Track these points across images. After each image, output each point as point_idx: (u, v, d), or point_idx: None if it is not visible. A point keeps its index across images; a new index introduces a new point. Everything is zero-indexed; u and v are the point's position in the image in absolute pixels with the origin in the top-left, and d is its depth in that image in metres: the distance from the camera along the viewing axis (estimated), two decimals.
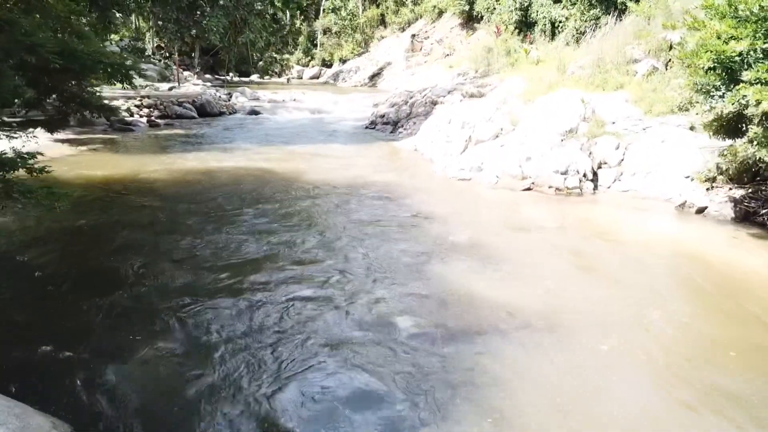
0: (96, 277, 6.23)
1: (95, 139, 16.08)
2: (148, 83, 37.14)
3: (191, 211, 8.66)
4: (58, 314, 5.26)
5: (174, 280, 6.06)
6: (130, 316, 5.26)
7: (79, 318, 5.21)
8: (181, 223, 8.10)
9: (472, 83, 21.69)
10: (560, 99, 13.76)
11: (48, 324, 5.06)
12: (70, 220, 8.01)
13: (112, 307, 5.40)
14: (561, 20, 26.31)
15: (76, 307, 5.40)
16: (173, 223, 8.18)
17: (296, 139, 17.15)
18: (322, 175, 11.44)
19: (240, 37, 16.18)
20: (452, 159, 12.57)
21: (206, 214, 8.53)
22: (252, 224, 8.09)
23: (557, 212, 9.31)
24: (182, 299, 5.57)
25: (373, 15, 58.61)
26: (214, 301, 5.54)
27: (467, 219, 8.81)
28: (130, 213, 8.54)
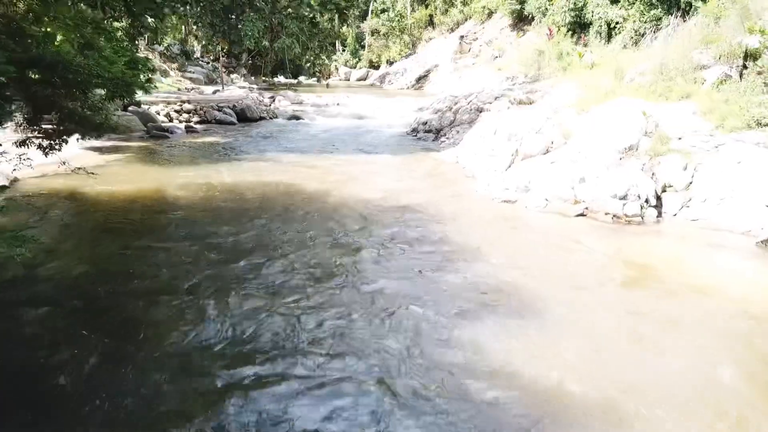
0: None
1: (128, 147, 15.69)
2: (194, 86, 37.44)
3: (200, 252, 7.62)
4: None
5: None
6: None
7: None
8: (183, 276, 7.10)
9: (521, 89, 20.47)
10: (618, 109, 12.49)
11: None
12: (74, 258, 7.39)
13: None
14: (618, 21, 24.74)
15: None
16: (178, 273, 7.28)
17: (333, 149, 16.36)
18: (353, 194, 10.54)
19: (276, 42, 15.38)
20: (496, 176, 11.50)
21: (220, 254, 7.67)
22: (264, 274, 7.25)
23: (614, 247, 8.09)
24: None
25: (422, 16, 57.60)
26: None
27: (509, 255, 7.66)
28: (141, 258, 7.47)
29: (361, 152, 15.67)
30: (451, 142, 17.17)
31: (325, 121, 24.31)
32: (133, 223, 8.57)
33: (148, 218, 8.83)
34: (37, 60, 6.21)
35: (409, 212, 9.37)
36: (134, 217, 8.89)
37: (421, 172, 13.11)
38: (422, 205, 9.77)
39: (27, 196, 9.67)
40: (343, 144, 17.31)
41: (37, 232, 7.79)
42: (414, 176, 12.60)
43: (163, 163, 13.39)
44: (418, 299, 6.09)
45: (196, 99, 25.52)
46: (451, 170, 13.34)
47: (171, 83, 35.96)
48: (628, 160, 10.05)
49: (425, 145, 17.86)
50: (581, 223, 9.01)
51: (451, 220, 8.97)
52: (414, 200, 10.11)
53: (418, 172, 13.09)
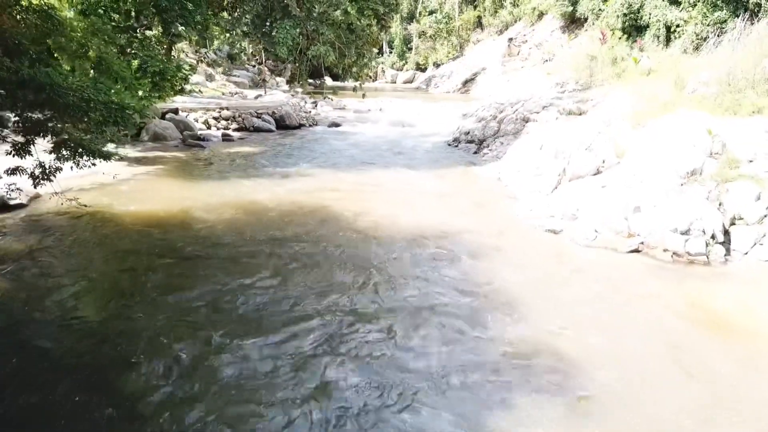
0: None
1: (160, 158, 15.34)
2: (238, 90, 37.45)
3: (222, 286, 7.10)
4: None
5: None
6: None
7: None
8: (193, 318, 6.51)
9: (571, 97, 19.26)
10: (678, 125, 11.30)
11: None
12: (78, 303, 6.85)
13: None
14: (678, 24, 23.14)
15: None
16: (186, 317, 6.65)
17: (370, 162, 15.61)
18: (383, 217, 9.75)
19: (311, 50, 14.75)
20: (540, 198, 10.52)
21: (239, 287, 7.04)
22: (281, 301, 6.57)
23: (676, 294, 6.97)
24: None
25: (470, 17, 56.42)
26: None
27: (554, 306, 6.59)
28: (152, 304, 6.85)
29: (399, 167, 14.85)
30: (493, 155, 16.18)
31: (366, 129, 23.60)
32: (147, 256, 7.95)
33: (165, 250, 8.16)
34: (27, 81, 5.67)
35: (443, 242, 8.50)
36: (149, 249, 8.27)
37: (459, 192, 12.19)
38: (459, 235, 8.87)
39: (41, 216, 9.28)
40: (380, 156, 16.53)
41: (28, 265, 7.32)
42: (452, 197, 11.70)
43: (191, 179, 12.90)
44: (441, 352, 5.29)
45: (236, 105, 25.25)
46: (491, 189, 12.39)
47: (216, 87, 36.06)
48: (690, 187, 8.91)
49: (466, 157, 16.92)
50: (635, 261, 7.93)
51: (489, 256, 8.03)
52: (450, 228, 9.22)
53: (456, 192, 12.18)
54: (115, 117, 6.31)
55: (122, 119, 6.48)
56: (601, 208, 9.05)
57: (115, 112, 6.25)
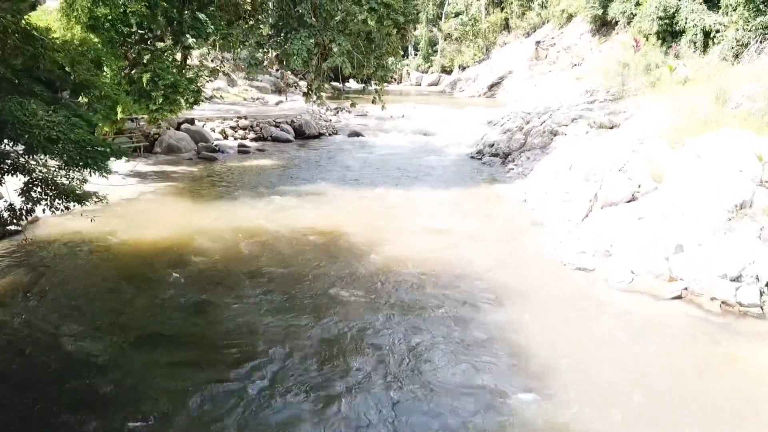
0: None
1: (172, 172, 14.83)
2: (260, 95, 37.06)
3: (215, 337, 6.50)
4: None
5: None
6: None
7: None
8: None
9: (602, 108, 18.29)
10: (722, 146, 10.36)
11: None
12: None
13: None
14: (717, 29, 21.94)
15: None
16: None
17: (388, 179, 14.86)
18: (397, 253, 8.94)
19: (326, 61, 14.08)
20: (570, 228, 9.68)
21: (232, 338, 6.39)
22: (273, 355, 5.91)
23: (728, 355, 6.07)
24: None
25: (497, 19, 55.34)
26: None
27: (591, 379, 5.65)
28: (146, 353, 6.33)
29: (419, 185, 14.08)
30: (519, 171, 15.32)
31: (387, 139, 22.88)
32: (141, 294, 7.37)
33: (160, 287, 7.58)
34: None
35: (464, 287, 7.71)
36: (144, 284, 7.71)
37: (482, 217, 11.36)
38: (481, 276, 8.07)
39: (35, 244, 8.75)
40: (399, 174, 15.76)
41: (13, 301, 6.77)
42: (474, 221, 10.89)
43: (199, 199, 12.32)
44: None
45: (255, 113, 24.77)
46: (516, 213, 11.56)
47: (237, 93, 35.74)
48: (739, 222, 8.00)
49: (490, 172, 16.09)
50: (678, 310, 7.04)
51: (514, 305, 7.20)
52: (472, 267, 8.43)
53: (478, 215, 11.37)
54: (86, 158, 5.63)
55: (93, 162, 5.76)
56: (638, 245, 8.19)
57: (87, 152, 5.59)
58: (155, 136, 17.96)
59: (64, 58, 6.79)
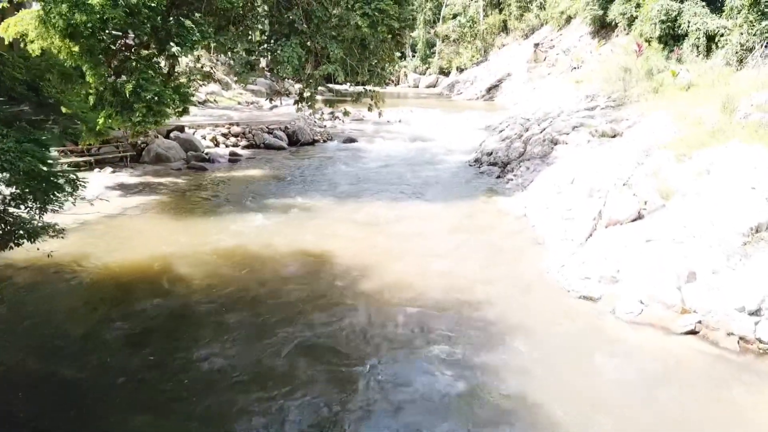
0: None
1: (158, 184, 14.25)
2: (255, 99, 36.46)
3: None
4: None
5: None
6: None
7: None
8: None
9: (603, 115, 17.76)
10: (732, 161, 9.84)
11: None
12: None
13: None
14: (721, 33, 21.41)
15: None
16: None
17: (383, 191, 14.30)
18: (389, 279, 8.38)
19: (318, 69, 13.52)
20: (573, 249, 9.13)
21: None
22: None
23: (747, 408, 5.52)
24: None
25: (495, 21, 54.90)
26: None
27: (587, 423, 5.16)
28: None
29: (414, 198, 13.51)
30: (518, 182, 14.77)
31: (383, 145, 22.32)
32: (102, 331, 6.81)
33: (129, 324, 7.02)
34: None
35: (457, 317, 7.17)
36: (112, 323, 7.14)
37: (480, 234, 10.80)
38: (476, 303, 7.53)
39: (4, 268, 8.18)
40: (395, 185, 15.20)
41: None
42: (472, 241, 10.32)
43: (184, 215, 11.74)
44: None
45: (248, 119, 24.20)
46: (516, 230, 11.00)
47: (231, 97, 35.18)
48: (755, 247, 7.45)
49: (488, 182, 15.53)
50: (692, 348, 6.47)
51: (512, 337, 6.66)
52: (467, 293, 7.88)
53: (476, 234, 10.79)
54: (35, 190, 5.01)
55: (43, 194, 5.11)
56: (647, 272, 7.63)
57: (35, 184, 5.00)
58: (143, 145, 17.40)
59: (25, 74, 6.23)
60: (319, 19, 13.51)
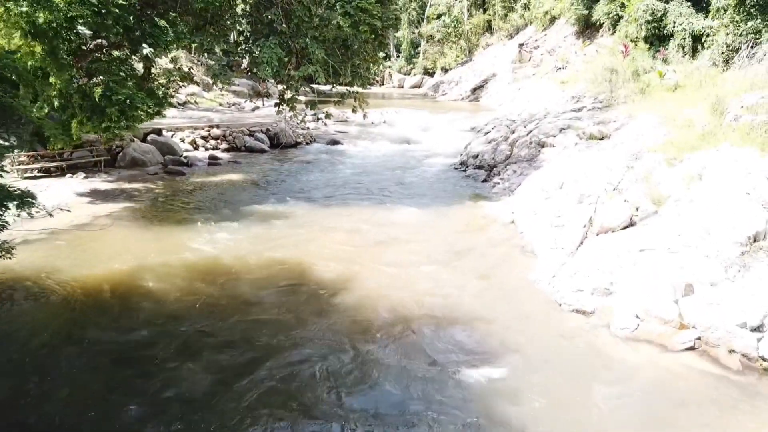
0: None
1: (133, 190, 13.68)
2: (237, 100, 35.79)
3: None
4: None
5: None
6: None
7: None
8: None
9: (591, 117, 17.48)
10: (724, 165, 9.54)
11: None
12: None
13: None
14: (707, 33, 21.24)
15: None
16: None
17: (366, 197, 13.87)
18: (370, 292, 7.94)
19: (298, 70, 13.05)
20: (563, 259, 8.76)
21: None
22: None
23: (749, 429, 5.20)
24: None
25: (479, 21, 54.67)
26: None
27: None
28: None
29: (398, 204, 13.07)
30: (505, 186, 14.40)
31: (367, 147, 21.88)
32: (59, 361, 6.31)
33: (84, 354, 6.50)
34: None
35: (443, 334, 6.75)
36: (69, 337, 6.66)
37: (467, 243, 10.39)
38: (464, 319, 7.12)
39: None
40: (379, 188, 14.78)
41: None
42: (458, 250, 9.89)
43: (158, 223, 11.20)
44: None
45: (229, 120, 23.62)
46: (504, 238, 10.61)
47: (212, 98, 34.47)
48: (754, 257, 7.13)
49: (475, 187, 15.15)
50: (692, 366, 6.10)
51: (501, 357, 6.25)
52: (454, 307, 7.47)
53: (463, 243, 10.37)
54: None
55: None
56: (642, 283, 7.28)
57: None
58: (118, 149, 16.79)
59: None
60: (299, 19, 13.06)
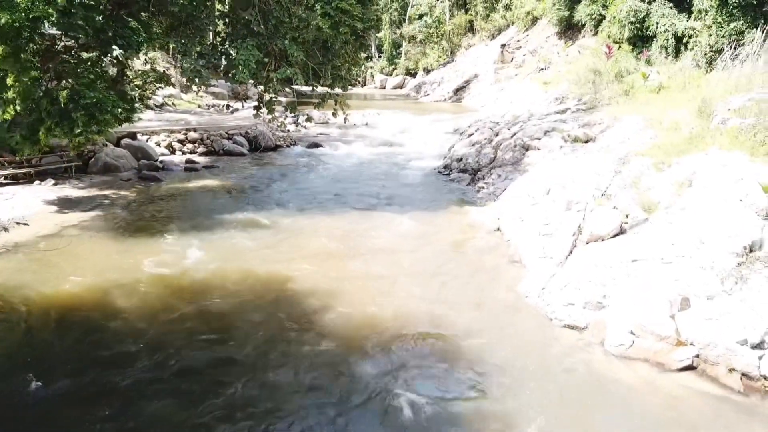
0: None
1: (104, 199, 13.12)
2: (215, 102, 35.11)
3: None
4: None
5: None
6: None
7: None
8: None
9: (575, 119, 17.25)
10: (714, 169, 9.31)
11: None
12: None
13: None
14: (690, 34, 21.19)
15: None
16: None
17: (348, 200, 13.50)
18: (351, 308, 7.47)
19: (276, 72, 12.62)
20: (553, 270, 8.45)
21: None
22: None
23: None
24: None
25: (461, 21, 54.55)
26: None
27: None
28: None
29: (381, 208, 12.70)
30: (490, 191, 14.10)
31: (349, 150, 21.47)
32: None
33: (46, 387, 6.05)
34: None
35: (431, 356, 6.37)
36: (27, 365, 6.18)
37: (453, 252, 10.02)
38: (451, 338, 6.74)
39: None
40: (360, 193, 14.39)
41: None
42: (443, 261, 9.52)
43: (129, 234, 10.66)
44: None
45: (207, 123, 23.08)
46: (490, 246, 10.28)
47: (191, 100, 33.81)
48: (751, 269, 6.85)
49: (459, 191, 14.83)
50: (691, 387, 5.77)
51: (489, 377, 5.88)
52: (441, 325, 7.09)
53: (449, 252, 9.99)
54: None
55: None
56: (636, 296, 6.98)
57: None
58: (90, 154, 16.20)
59: None
60: (277, 20, 12.63)
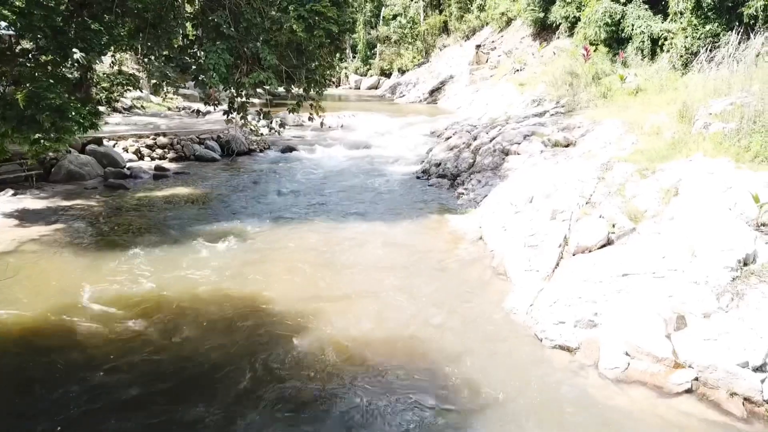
0: None
1: (66, 210, 12.45)
2: (187, 104, 34.22)
3: None
4: None
5: None
6: None
7: None
8: None
9: (554, 123, 17.03)
10: (702, 179, 9.08)
11: None
12: None
13: None
14: (665, 36, 21.15)
15: None
16: None
17: (323, 208, 13.03)
18: (325, 328, 7.02)
19: (249, 77, 12.08)
20: (540, 284, 8.11)
21: None
22: None
23: None
24: None
25: (435, 22, 54.41)
26: None
27: None
28: None
29: (358, 220, 12.21)
30: (471, 197, 13.76)
31: (325, 154, 20.99)
32: None
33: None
34: None
35: (411, 382, 5.96)
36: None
37: (434, 264, 9.60)
38: (433, 361, 6.33)
39: None
40: (336, 200, 13.93)
41: None
42: (425, 275, 9.08)
43: (92, 249, 10.03)
44: None
45: (178, 127, 22.36)
46: (474, 257, 9.91)
47: (161, 102, 32.92)
48: (747, 284, 6.59)
49: (439, 197, 14.45)
50: (691, 413, 5.47)
51: (479, 405, 5.48)
52: (422, 347, 6.69)
53: (430, 265, 9.56)
54: None
55: None
56: (629, 314, 6.66)
57: None
58: (53, 161, 15.46)
59: None
60: (249, 22, 12.12)
